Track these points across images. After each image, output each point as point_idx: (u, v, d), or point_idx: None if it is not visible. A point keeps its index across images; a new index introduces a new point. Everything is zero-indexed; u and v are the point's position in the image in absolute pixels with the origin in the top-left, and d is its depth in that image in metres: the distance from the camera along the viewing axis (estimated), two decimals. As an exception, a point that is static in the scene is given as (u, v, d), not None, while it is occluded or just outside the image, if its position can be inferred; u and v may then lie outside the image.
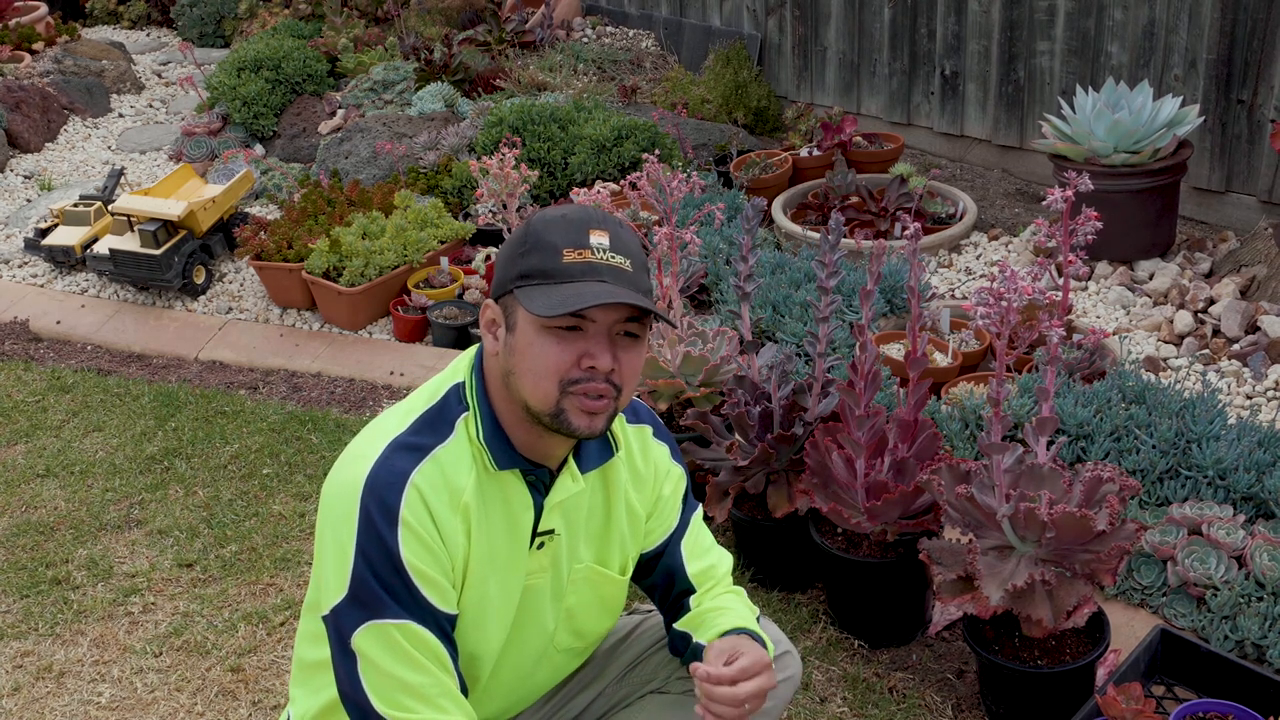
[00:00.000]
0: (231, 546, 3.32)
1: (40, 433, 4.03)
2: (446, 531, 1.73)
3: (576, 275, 1.68)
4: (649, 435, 1.97)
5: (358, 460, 1.74)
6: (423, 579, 1.71)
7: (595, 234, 1.70)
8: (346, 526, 1.70)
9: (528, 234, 1.73)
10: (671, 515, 2.00)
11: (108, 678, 2.87)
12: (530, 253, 1.70)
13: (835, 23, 5.71)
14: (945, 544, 2.50)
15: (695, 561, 2.01)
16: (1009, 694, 2.46)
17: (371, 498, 1.70)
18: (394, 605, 1.69)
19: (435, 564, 1.72)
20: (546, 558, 1.85)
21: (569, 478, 1.83)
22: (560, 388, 1.69)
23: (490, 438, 1.76)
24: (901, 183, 4.62)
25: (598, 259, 1.69)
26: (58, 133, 6.60)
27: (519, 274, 1.71)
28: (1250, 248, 4.03)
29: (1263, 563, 2.54)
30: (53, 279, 5.10)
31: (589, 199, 3.24)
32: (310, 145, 6.02)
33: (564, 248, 1.69)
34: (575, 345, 1.69)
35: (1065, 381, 3.15)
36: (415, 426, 1.76)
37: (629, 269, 1.71)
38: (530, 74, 6.04)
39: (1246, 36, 4.23)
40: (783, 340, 3.60)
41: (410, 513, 1.70)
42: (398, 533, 1.69)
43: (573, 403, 1.70)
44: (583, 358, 1.69)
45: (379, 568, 1.69)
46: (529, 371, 1.70)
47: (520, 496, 1.80)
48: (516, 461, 1.77)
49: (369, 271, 4.37)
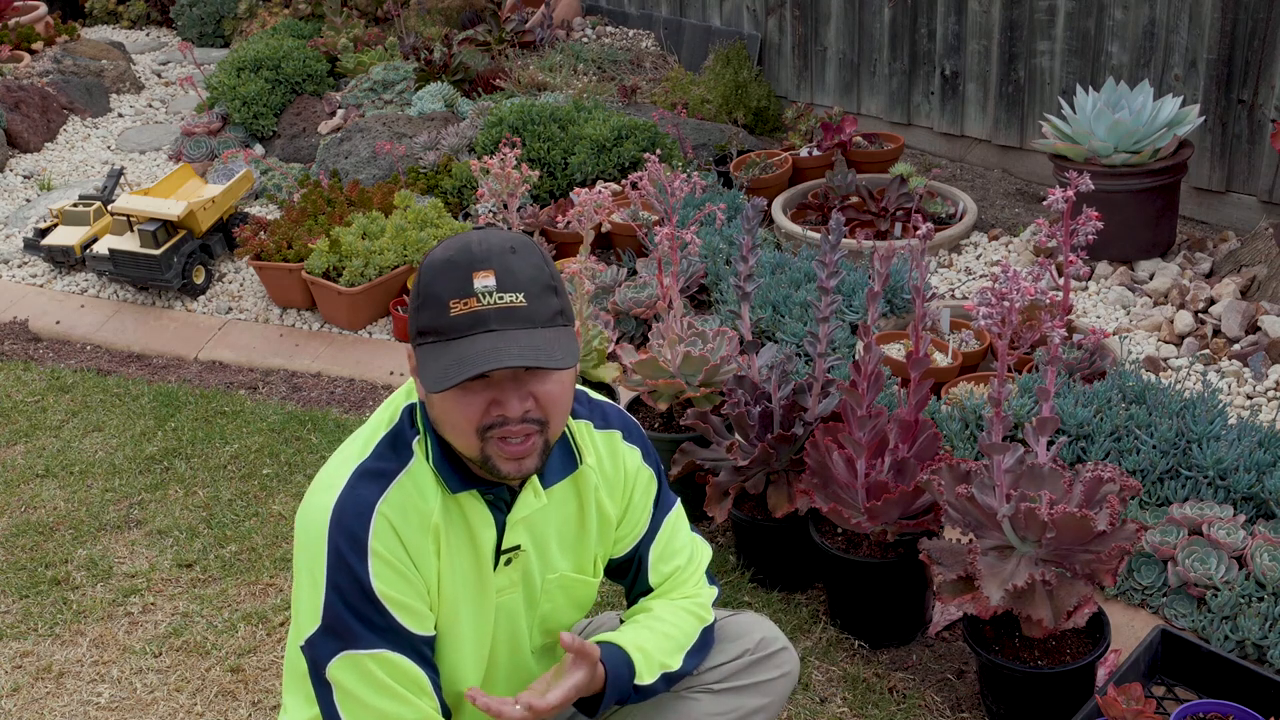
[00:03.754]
0: (231, 546, 3.32)
1: (40, 433, 4.02)
2: (418, 554, 1.73)
3: (464, 329, 1.63)
4: (618, 440, 1.96)
5: (326, 490, 1.74)
6: (396, 605, 1.70)
7: (480, 276, 1.64)
8: (317, 558, 1.70)
9: (420, 284, 1.69)
10: (642, 520, 1.99)
11: (107, 678, 2.87)
12: (422, 308, 1.68)
13: (835, 23, 5.71)
14: (945, 544, 2.50)
15: (662, 565, 2.01)
16: (1009, 694, 2.46)
17: (340, 530, 1.70)
18: (368, 635, 1.69)
19: (409, 589, 1.72)
20: (516, 573, 1.85)
21: (531, 493, 1.82)
22: (480, 435, 1.68)
23: (439, 462, 1.75)
24: (902, 183, 4.62)
25: (484, 305, 1.63)
26: (57, 133, 6.60)
27: (417, 330, 1.69)
28: (1251, 248, 4.03)
29: (1263, 563, 2.54)
30: (52, 279, 5.10)
31: (590, 198, 3.24)
32: (310, 145, 6.01)
33: (449, 299, 1.64)
34: (482, 395, 1.66)
35: (1066, 381, 3.14)
36: (377, 451, 1.76)
37: (522, 303, 1.65)
38: (530, 74, 6.04)
39: (1247, 36, 4.23)
40: (783, 340, 3.60)
41: (379, 542, 1.70)
42: (368, 563, 1.69)
43: (495, 449, 1.68)
44: (491, 405, 1.67)
45: (351, 598, 1.68)
46: (447, 425, 1.70)
47: (480, 515, 1.79)
48: (470, 484, 1.77)
49: (369, 271, 4.37)
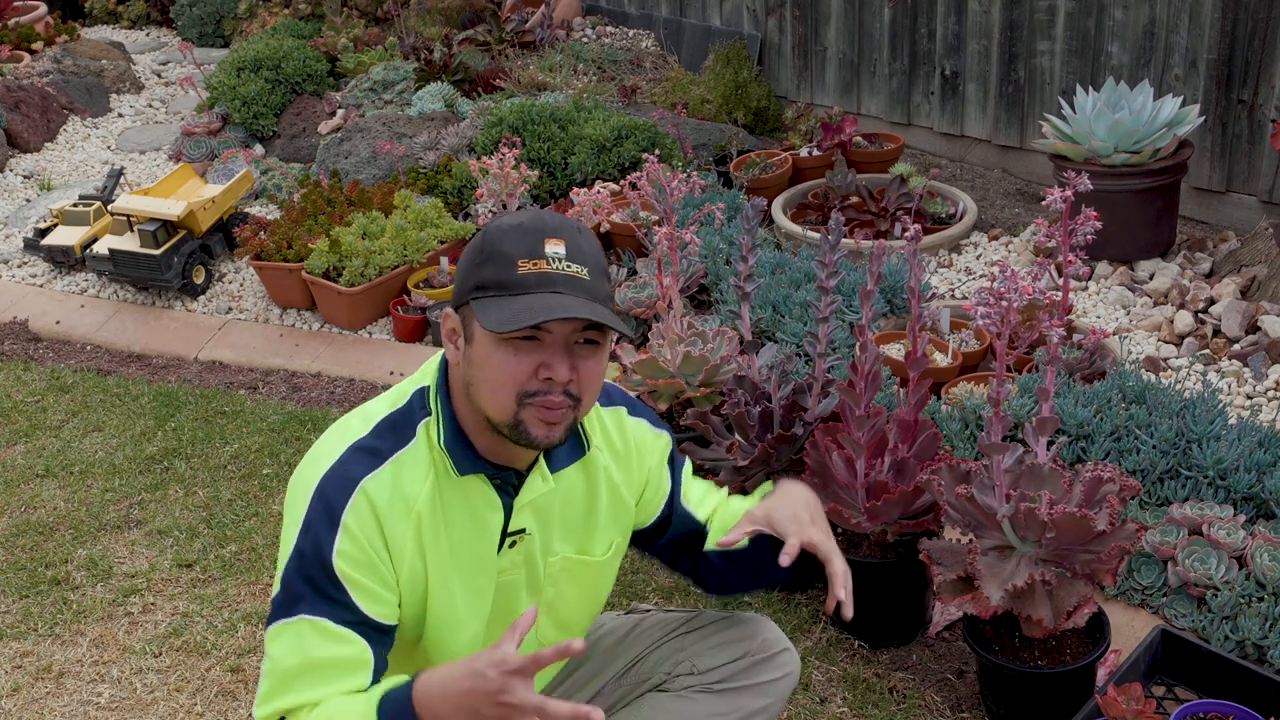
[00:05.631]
0: (231, 546, 3.32)
1: (40, 433, 4.02)
2: (393, 538, 1.73)
3: (531, 286, 1.66)
4: (624, 415, 1.98)
5: (317, 462, 1.75)
6: (352, 583, 1.69)
7: (551, 243, 1.68)
8: (294, 526, 1.71)
9: (484, 243, 1.71)
10: (664, 482, 2.03)
11: (107, 678, 2.87)
12: (486, 263, 1.69)
13: (835, 23, 5.71)
14: (945, 544, 2.50)
15: (701, 509, 2.07)
16: (1009, 694, 2.46)
17: (320, 501, 1.71)
18: (315, 601, 1.68)
19: (370, 572, 1.71)
20: (519, 555, 1.86)
21: (539, 478, 1.84)
22: (517, 400, 1.69)
23: (451, 443, 1.76)
24: (901, 183, 4.62)
25: (553, 269, 1.67)
26: (57, 132, 6.60)
27: (475, 285, 1.70)
28: (1251, 248, 4.03)
29: (1263, 563, 2.54)
30: (52, 279, 5.10)
31: (589, 199, 3.24)
32: (310, 145, 6.01)
33: (519, 258, 1.67)
34: (532, 356, 1.68)
35: (1065, 381, 3.14)
36: (378, 430, 1.77)
37: (586, 277, 1.69)
38: (530, 74, 6.04)
39: (1247, 36, 4.23)
40: (783, 340, 3.60)
41: (354, 518, 1.70)
42: (336, 535, 1.69)
43: (530, 414, 1.70)
44: (539, 369, 1.68)
45: (310, 568, 1.69)
46: (486, 383, 1.70)
47: (486, 499, 1.80)
48: (479, 466, 1.78)
49: (369, 271, 4.37)
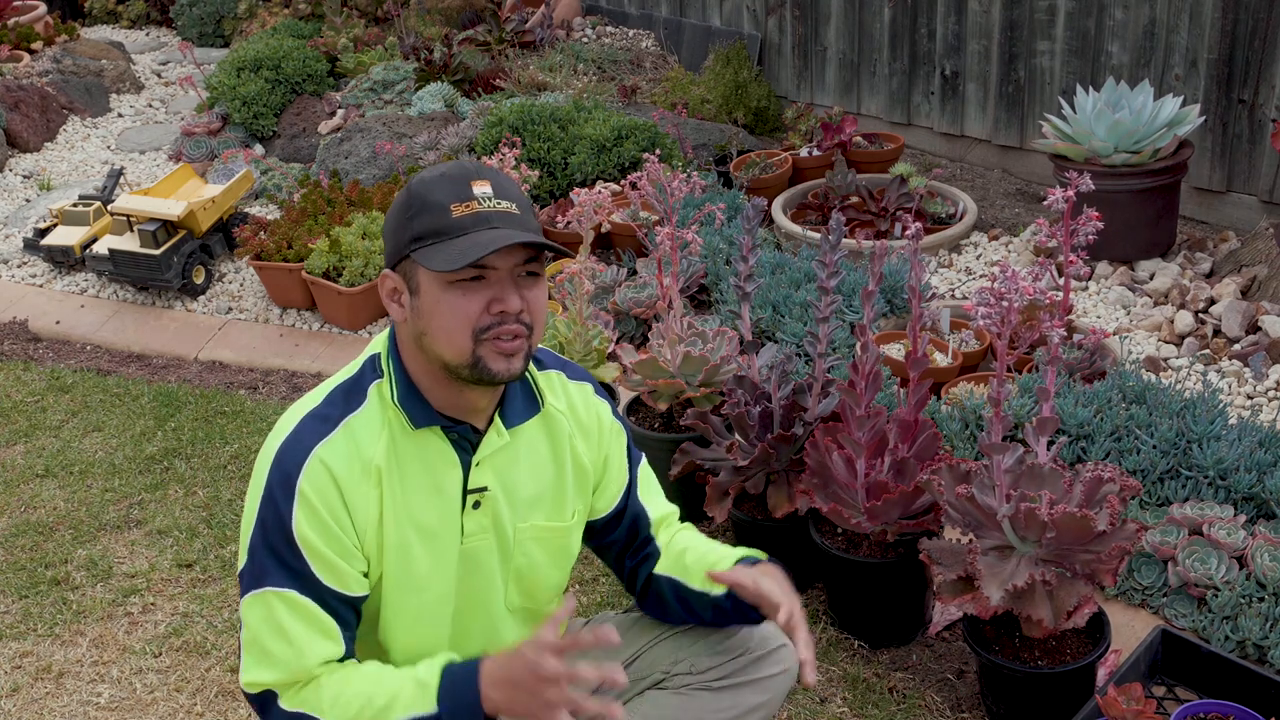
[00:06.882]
0: (231, 546, 3.32)
1: (39, 433, 4.02)
2: (354, 500, 1.76)
3: (469, 227, 1.71)
4: (590, 391, 2.02)
5: (276, 435, 1.80)
6: (312, 553, 1.74)
7: (478, 184, 1.74)
8: (254, 498, 1.76)
9: (410, 198, 1.76)
10: (622, 472, 2.05)
11: (107, 678, 2.86)
12: (418, 215, 1.74)
13: (835, 23, 5.71)
14: (945, 544, 2.50)
15: (656, 503, 2.10)
16: (1009, 694, 2.46)
17: (277, 470, 1.75)
18: (280, 573, 1.73)
19: (329, 539, 1.75)
20: (486, 518, 1.88)
21: (495, 434, 1.87)
22: (474, 338, 1.73)
23: (405, 398, 1.80)
24: (902, 183, 4.62)
25: (485, 207, 1.73)
26: (57, 132, 6.60)
27: (412, 237, 1.74)
28: (1251, 248, 4.03)
29: (1264, 563, 2.53)
30: (52, 279, 5.10)
31: (590, 199, 3.24)
32: (310, 145, 6.01)
33: (450, 203, 1.72)
34: (481, 295, 1.73)
35: (1066, 381, 3.14)
36: (330, 398, 1.82)
37: (517, 211, 1.75)
38: (530, 74, 6.04)
39: (1247, 36, 4.23)
40: (783, 340, 3.60)
41: (309, 483, 1.74)
42: (293, 503, 1.73)
43: (488, 349, 1.74)
44: (491, 304, 1.73)
45: (272, 537, 1.73)
46: (441, 329, 1.74)
47: (443, 455, 1.83)
48: (434, 419, 1.81)
49: (369, 271, 4.37)
